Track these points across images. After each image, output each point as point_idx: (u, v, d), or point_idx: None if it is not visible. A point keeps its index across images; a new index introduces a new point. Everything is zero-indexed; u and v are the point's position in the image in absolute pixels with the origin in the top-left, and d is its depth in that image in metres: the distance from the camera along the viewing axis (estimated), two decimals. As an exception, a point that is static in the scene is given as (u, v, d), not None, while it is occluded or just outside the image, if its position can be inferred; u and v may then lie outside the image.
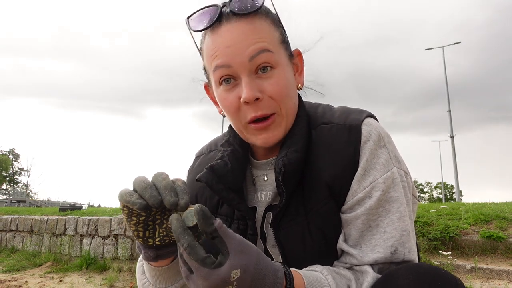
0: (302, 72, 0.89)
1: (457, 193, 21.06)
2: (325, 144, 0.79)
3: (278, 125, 0.79)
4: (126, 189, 0.61)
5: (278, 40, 0.80)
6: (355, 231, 0.76)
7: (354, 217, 0.75)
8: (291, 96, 0.81)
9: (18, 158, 53.30)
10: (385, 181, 0.75)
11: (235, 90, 0.77)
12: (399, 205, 0.75)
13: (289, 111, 0.81)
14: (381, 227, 0.74)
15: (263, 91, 0.76)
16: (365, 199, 0.75)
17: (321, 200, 0.77)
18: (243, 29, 0.76)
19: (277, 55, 0.78)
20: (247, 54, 0.75)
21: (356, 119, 0.80)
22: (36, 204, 27.72)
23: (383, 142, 0.78)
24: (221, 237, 0.57)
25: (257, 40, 0.76)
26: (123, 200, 0.60)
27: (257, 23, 0.78)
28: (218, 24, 0.78)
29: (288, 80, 0.80)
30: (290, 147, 0.79)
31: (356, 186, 0.76)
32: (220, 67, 0.77)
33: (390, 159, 0.77)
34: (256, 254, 0.59)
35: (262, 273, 0.59)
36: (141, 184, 0.59)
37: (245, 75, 0.75)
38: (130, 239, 5.41)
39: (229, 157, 0.85)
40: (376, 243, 0.74)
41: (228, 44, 0.76)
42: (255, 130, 0.79)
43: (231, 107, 0.79)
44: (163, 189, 0.59)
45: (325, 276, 0.70)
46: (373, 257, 0.73)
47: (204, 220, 0.56)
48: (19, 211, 9.44)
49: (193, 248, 0.55)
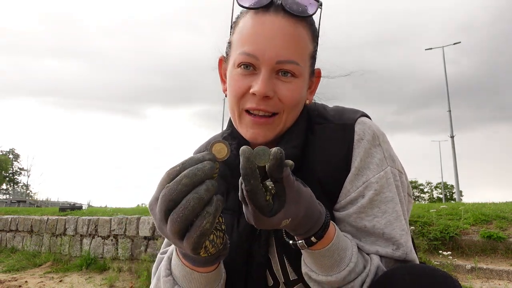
0: (314, 92, 0.89)
1: (457, 193, 21.07)
2: (319, 142, 0.80)
3: (274, 127, 0.79)
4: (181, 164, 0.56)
5: (309, 54, 0.81)
6: (348, 228, 0.76)
7: (346, 215, 0.76)
8: (298, 107, 0.81)
9: (18, 158, 53.37)
10: (378, 180, 0.75)
11: (249, 78, 0.77)
12: (394, 205, 0.75)
13: (290, 119, 0.81)
14: (378, 228, 0.74)
15: (276, 92, 0.76)
16: (358, 199, 0.75)
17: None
18: (285, 28, 0.76)
19: (303, 68, 0.78)
20: (277, 56, 0.75)
21: (350, 118, 0.80)
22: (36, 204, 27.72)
23: (378, 141, 0.78)
24: (283, 185, 0.57)
25: (292, 47, 0.76)
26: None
27: (300, 29, 0.78)
28: (265, 10, 0.77)
29: (302, 93, 0.80)
30: (288, 143, 0.79)
31: (350, 185, 0.76)
32: (247, 54, 0.76)
33: (384, 158, 0.78)
34: (307, 204, 0.62)
35: (306, 219, 0.63)
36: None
37: (266, 70, 0.75)
38: (130, 239, 5.41)
39: (237, 150, 0.84)
40: (375, 240, 0.74)
41: (266, 36, 0.75)
42: (250, 122, 0.78)
43: (238, 90, 0.78)
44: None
45: (352, 243, 0.72)
46: (373, 249, 0.73)
47: (279, 165, 0.55)
48: (19, 211, 9.44)
49: (256, 194, 0.54)
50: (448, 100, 21.34)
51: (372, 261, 0.71)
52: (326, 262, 0.68)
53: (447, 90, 21.41)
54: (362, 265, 0.71)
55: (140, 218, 5.38)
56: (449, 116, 21.06)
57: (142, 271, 4.77)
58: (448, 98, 21.36)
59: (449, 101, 21.35)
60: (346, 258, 0.69)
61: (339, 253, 0.68)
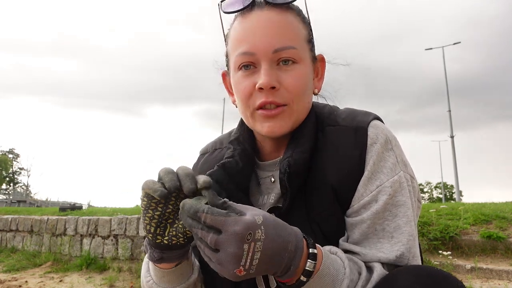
0: (322, 79, 0.88)
1: (457, 193, 21.07)
2: (331, 146, 0.78)
3: (287, 117, 0.78)
4: (151, 178, 0.64)
5: (305, 38, 0.81)
6: (359, 234, 0.74)
7: (360, 221, 0.74)
8: (307, 95, 0.81)
9: (18, 158, 53.37)
10: (392, 185, 0.74)
11: (252, 77, 0.77)
12: (406, 210, 0.74)
13: (301, 108, 0.80)
14: (388, 231, 0.73)
15: (280, 82, 0.76)
16: (371, 203, 0.74)
17: (325, 203, 0.76)
18: (273, 18, 0.77)
19: (302, 52, 0.79)
20: (272, 45, 0.75)
21: (363, 121, 0.79)
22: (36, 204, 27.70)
23: (390, 145, 0.77)
24: (232, 206, 0.58)
25: (284, 33, 0.76)
26: (146, 186, 0.62)
27: (289, 16, 0.79)
28: (250, 10, 0.79)
29: (307, 78, 0.80)
30: (297, 147, 0.78)
31: (363, 189, 0.75)
32: (243, 53, 0.77)
33: (397, 162, 0.76)
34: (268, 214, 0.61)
35: (281, 223, 0.61)
36: (165, 169, 0.63)
37: (266, 63, 0.76)
38: (130, 239, 5.42)
39: (240, 156, 0.84)
40: (381, 246, 0.73)
41: (256, 31, 0.76)
42: (262, 117, 0.78)
43: (244, 91, 0.78)
44: (184, 175, 0.62)
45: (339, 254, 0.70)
46: (376, 256, 0.71)
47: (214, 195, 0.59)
48: (19, 211, 9.44)
49: (213, 208, 0.57)
50: (448, 100, 21.33)
51: (375, 269, 0.70)
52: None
53: (447, 90, 21.40)
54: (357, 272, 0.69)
55: (140, 218, 5.37)
56: (449, 116, 21.07)
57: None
58: (448, 98, 21.35)
59: (449, 101, 21.32)
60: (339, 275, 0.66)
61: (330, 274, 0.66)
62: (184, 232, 0.66)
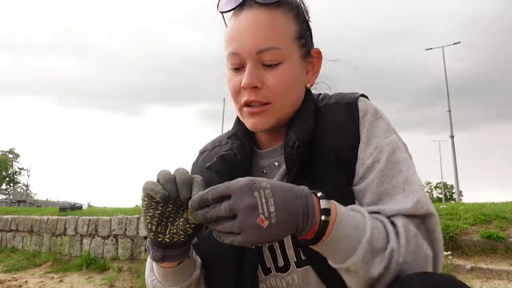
0: (317, 73, 0.90)
1: (457, 193, 21.07)
2: (328, 121, 0.83)
3: (270, 115, 0.81)
4: (151, 180, 0.66)
5: (293, 36, 0.82)
6: (371, 197, 0.75)
7: (368, 184, 0.76)
8: (292, 92, 0.82)
9: (18, 158, 53.38)
10: (389, 143, 0.78)
11: (240, 76, 0.81)
12: (408, 164, 0.77)
13: (285, 105, 0.82)
14: (398, 187, 0.74)
15: (264, 82, 0.79)
16: (374, 164, 0.76)
17: (328, 172, 0.78)
18: (260, 18, 0.79)
19: (287, 51, 0.80)
20: (256, 46, 0.77)
21: (352, 97, 0.85)
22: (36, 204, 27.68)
23: (380, 114, 0.83)
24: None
25: (269, 34, 0.78)
26: (148, 188, 0.64)
27: (277, 15, 0.80)
28: (240, 9, 0.81)
29: (294, 77, 0.82)
30: (300, 124, 0.81)
31: (363, 154, 0.78)
32: (231, 54, 0.80)
33: (389, 128, 0.81)
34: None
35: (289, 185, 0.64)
36: (165, 176, 0.65)
37: (250, 63, 0.78)
38: (130, 239, 5.42)
39: (238, 149, 0.87)
40: (396, 200, 0.73)
41: (242, 32, 0.79)
42: (248, 113, 0.82)
43: (233, 88, 0.83)
44: (181, 184, 0.64)
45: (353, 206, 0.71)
46: (395, 208, 0.71)
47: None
48: (19, 211, 9.45)
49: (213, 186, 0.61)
50: (448, 100, 21.33)
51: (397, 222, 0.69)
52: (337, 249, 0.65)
53: (447, 90, 21.41)
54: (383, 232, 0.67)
55: (140, 218, 5.39)
56: (449, 116, 21.08)
57: (142, 271, 4.78)
58: (448, 98, 21.35)
59: (449, 101, 21.34)
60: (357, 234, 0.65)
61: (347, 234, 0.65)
62: (184, 229, 0.68)
